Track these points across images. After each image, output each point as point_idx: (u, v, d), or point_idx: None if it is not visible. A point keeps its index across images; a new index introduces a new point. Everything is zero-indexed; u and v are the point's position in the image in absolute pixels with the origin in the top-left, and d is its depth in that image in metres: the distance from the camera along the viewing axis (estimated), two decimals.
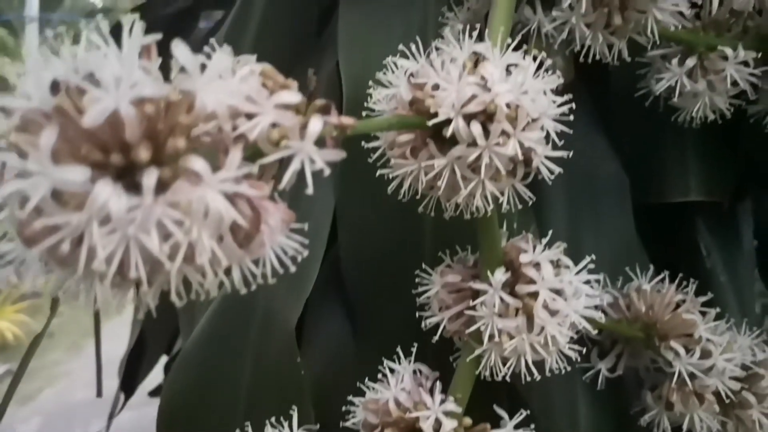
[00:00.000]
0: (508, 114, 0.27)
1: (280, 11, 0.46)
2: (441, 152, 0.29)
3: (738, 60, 0.34)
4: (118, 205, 0.16)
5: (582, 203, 0.43)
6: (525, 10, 0.33)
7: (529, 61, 0.29)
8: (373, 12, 0.39)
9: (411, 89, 0.29)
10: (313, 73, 0.45)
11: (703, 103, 0.35)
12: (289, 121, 0.21)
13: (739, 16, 0.36)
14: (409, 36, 0.39)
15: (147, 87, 0.17)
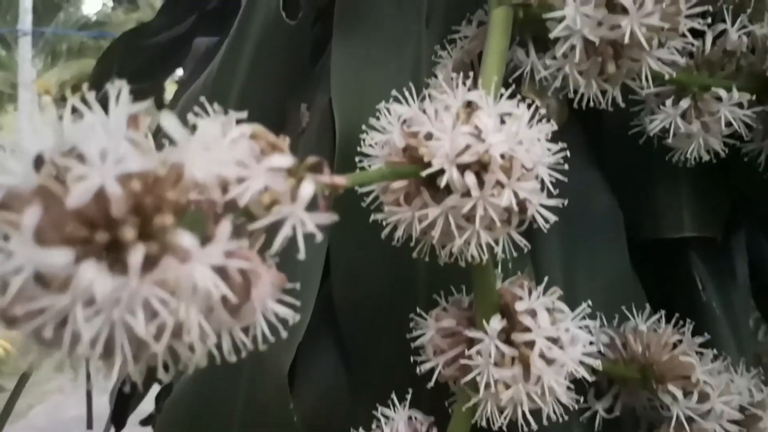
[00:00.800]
0: (502, 164, 0.27)
1: (273, 42, 0.46)
2: (435, 201, 0.28)
3: (732, 102, 0.34)
4: (103, 287, 0.16)
5: (576, 239, 0.43)
6: (518, 53, 0.33)
7: (523, 110, 0.28)
8: (366, 49, 0.39)
9: (404, 136, 0.29)
10: (306, 108, 0.45)
11: (698, 144, 0.35)
12: (281, 185, 0.20)
13: (732, 56, 0.36)
14: (403, 73, 0.39)
15: (134, 162, 0.17)
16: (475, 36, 0.36)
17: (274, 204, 0.20)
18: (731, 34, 0.35)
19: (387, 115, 0.30)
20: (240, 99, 0.45)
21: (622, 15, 0.27)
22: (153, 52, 0.77)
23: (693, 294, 0.46)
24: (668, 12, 0.27)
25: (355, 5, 0.39)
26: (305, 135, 0.43)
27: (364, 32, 0.39)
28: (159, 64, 0.70)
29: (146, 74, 0.70)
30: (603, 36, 0.27)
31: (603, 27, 0.27)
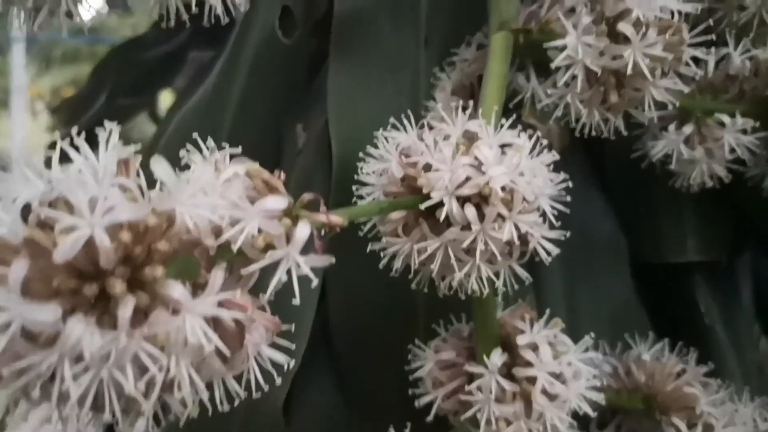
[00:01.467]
0: (503, 197, 0.26)
1: (269, 61, 0.45)
2: (434, 232, 0.28)
3: (736, 128, 0.33)
4: (91, 343, 0.15)
5: (579, 264, 0.42)
6: (518, 78, 0.33)
7: (524, 140, 0.28)
8: (363, 71, 0.39)
9: (402, 166, 0.28)
10: (302, 128, 0.45)
11: (701, 170, 0.34)
12: (275, 228, 0.20)
13: (735, 80, 0.36)
14: (400, 96, 0.39)
15: (123, 211, 0.16)
16: (474, 59, 0.36)
17: (269, 247, 0.20)
18: (734, 59, 0.35)
19: (384, 143, 0.29)
20: (236, 118, 0.44)
21: (624, 45, 0.26)
22: (147, 66, 0.77)
23: (697, 317, 0.45)
24: (671, 42, 0.27)
25: (353, 26, 0.39)
26: (302, 156, 0.42)
27: (361, 53, 0.39)
28: (153, 78, 0.70)
29: (140, 88, 0.70)
30: (605, 65, 0.27)
31: (605, 56, 0.27)
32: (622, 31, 0.26)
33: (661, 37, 0.26)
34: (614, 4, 0.26)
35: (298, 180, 0.41)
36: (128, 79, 0.74)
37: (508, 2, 0.32)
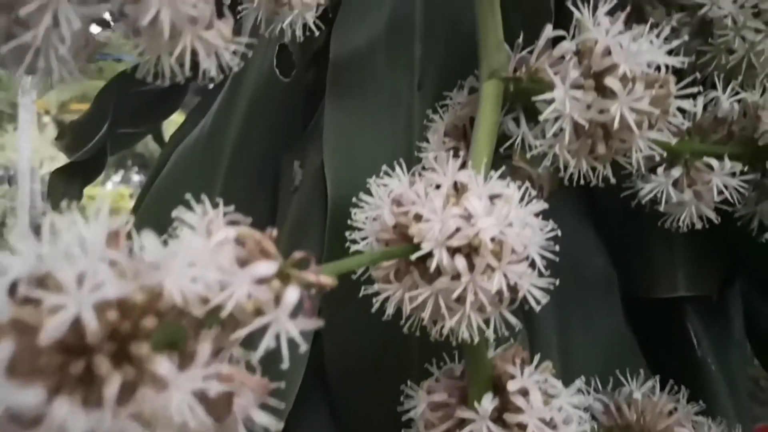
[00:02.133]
0: (492, 248, 0.27)
1: (267, 98, 0.46)
2: (425, 280, 0.28)
3: (725, 171, 0.34)
4: (76, 425, 0.15)
5: (570, 298, 0.42)
6: (509, 123, 0.33)
7: (513, 190, 0.28)
8: (358, 112, 0.39)
9: (394, 214, 0.29)
10: (299, 165, 0.45)
11: (690, 212, 0.35)
12: (264, 294, 0.20)
13: (724, 122, 0.36)
14: (394, 137, 0.39)
15: (111, 288, 0.17)
16: (467, 102, 0.36)
17: (258, 312, 0.20)
18: (723, 103, 0.35)
19: (377, 190, 0.30)
20: (233, 155, 0.45)
21: (611, 99, 0.27)
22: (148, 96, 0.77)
23: (688, 350, 0.45)
24: (658, 95, 0.27)
25: (348, 67, 0.39)
26: (298, 193, 0.42)
27: (356, 95, 0.39)
28: (154, 108, 0.70)
29: (142, 117, 0.70)
30: (592, 119, 0.27)
31: (592, 110, 0.27)
32: (609, 85, 0.27)
33: (648, 91, 0.26)
34: (601, 59, 0.27)
35: (295, 218, 0.41)
36: (129, 109, 0.74)
37: (498, 51, 0.32)
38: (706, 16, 0.36)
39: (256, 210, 0.45)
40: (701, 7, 0.36)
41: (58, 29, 0.19)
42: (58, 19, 0.19)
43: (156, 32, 0.21)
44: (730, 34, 0.35)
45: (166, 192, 0.44)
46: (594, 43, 0.27)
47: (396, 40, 0.40)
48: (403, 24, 0.40)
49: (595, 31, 0.27)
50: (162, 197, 0.44)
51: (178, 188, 0.45)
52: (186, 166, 0.45)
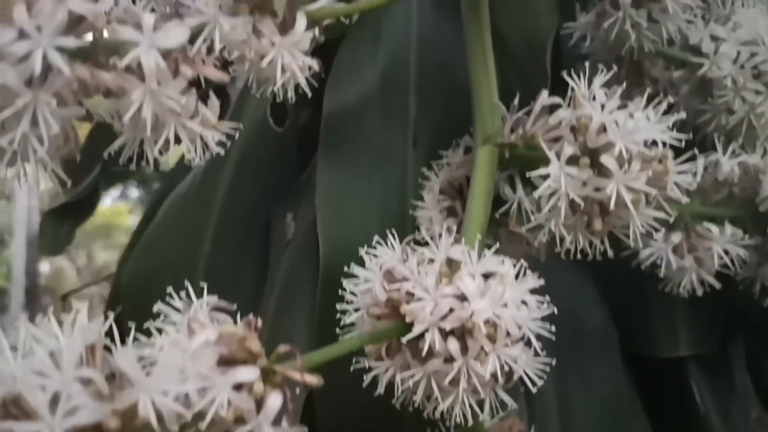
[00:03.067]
0: (486, 332, 0.26)
1: (259, 148, 0.45)
2: (416, 359, 0.27)
3: (725, 239, 0.33)
4: None
5: (569, 354, 0.41)
6: (504, 188, 0.33)
7: (507, 267, 0.27)
8: (351, 168, 0.38)
9: (386, 289, 0.28)
10: (292, 218, 0.44)
11: (690, 278, 0.34)
12: (245, 402, 0.19)
13: (725, 184, 0.35)
14: (388, 195, 0.38)
15: (85, 413, 0.16)
16: (462, 163, 0.35)
17: (239, 419, 0.19)
18: (724, 165, 0.34)
19: (370, 261, 0.29)
20: (224, 206, 0.44)
21: (607, 178, 0.26)
22: None
23: (691, 405, 0.44)
24: (656, 171, 0.27)
25: (341, 123, 0.39)
26: (290, 247, 0.42)
27: (349, 150, 0.38)
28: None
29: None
30: (588, 195, 0.27)
31: (588, 187, 0.27)
32: (605, 164, 0.26)
33: (645, 171, 0.26)
34: (597, 137, 0.26)
35: (287, 274, 0.41)
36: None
37: (493, 116, 0.32)
38: (705, 75, 0.35)
39: (247, 262, 0.45)
40: (701, 66, 0.35)
41: (37, 130, 0.19)
42: (37, 122, 0.19)
43: (139, 125, 0.21)
44: (730, 95, 0.35)
45: (156, 245, 0.44)
46: (589, 119, 0.26)
47: (390, 96, 0.39)
48: (397, 79, 0.39)
49: (591, 107, 0.27)
50: (152, 251, 0.44)
51: (169, 240, 0.44)
52: (177, 216, 0.45)
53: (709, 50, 0.35)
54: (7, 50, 0.18)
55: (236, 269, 0.43)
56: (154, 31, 0.20)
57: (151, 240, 0.44)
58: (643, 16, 0.33)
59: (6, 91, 0.18)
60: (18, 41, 0.18)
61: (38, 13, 0.18)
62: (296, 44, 0.22)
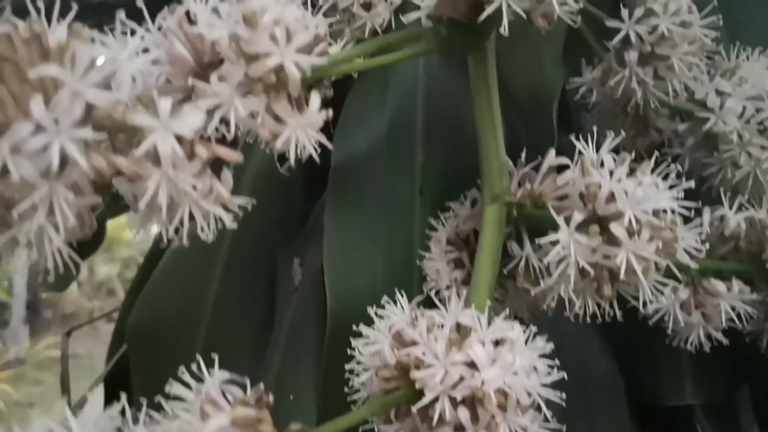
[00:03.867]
0: (497, 401, 0.26)
1: (267, 191, 0.45)
2: (426, 426, 0.27)
3: (733, 296, 0.33)
4: None
5: (575, 403, 0.41)
6: (512, 245, 0.33)
7: (518, 332, 0.27)
8: (358, 218, 0.38)
9: (396, 353, 0.28)
10: (299, 263, 0.44)
11: (697, 333, 0.34)
12: None
13: (731, 238, 0.35)
14: (394, 245, 0.39)
15: None
16: (470, 216, 0.36)
17: None
18: (730, 221, 0.35)
19: (378, 323, 0.29)
20: (231, 250, 0.44)
21: (616, 247, 0.26)
22: None
23: None
24: (665, 239, 0.27)
25: (349, 171, 0.39)
26: (297, 295, 0.42)
27: (357, 200, 0.39)
28: None
29: None
30: (597, 263, 0.27)
31: (597, 254, 0.27)
32: (615, 232, 0.26)
33: (654, 239, 0.26)
34: (606, 205, 0.26)
35: (294, 322, 0.41)
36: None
37: (501, 175, 0.32)
38: (711, 129, 0.36)
39: (253, 307, 0.45)
40: (706, 121, 0.36)
41: (52, 218, 0.19)
42: (53, 212, 0.19)
43: (154, 207, 0.21)
44: (736, 150, 0.35)
45: (162, 289, 0.44)
46: (598, 188, 0.27)
47: (397, 146, 0.39)
48: (404, 129, 0.39)
49: (599, 175, 0.27)
50: (158, 295, 0.44)
51: (175, 284, 0.44)
52: (182, 259, 0.45)
53: (714, 105, 0.36)
54: (24, 144, 0.18)
55: (243, 314, 0.43)
56: (170, 117, 0.20)
57: (157, 284, 0.44)
58: (649, 74, 0.34)
59: (23, 184, 0.18)
60: (35, 135, 0.18)
61: (55, 105, 0.18)
62: (310, 124, 0.23)
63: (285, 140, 0.22)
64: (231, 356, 0.43)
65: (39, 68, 0.18)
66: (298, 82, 0.22)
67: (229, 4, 0.22)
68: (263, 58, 0.21)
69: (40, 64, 0.19)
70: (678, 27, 0.33)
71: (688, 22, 0.33)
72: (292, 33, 0.22)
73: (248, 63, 0.21)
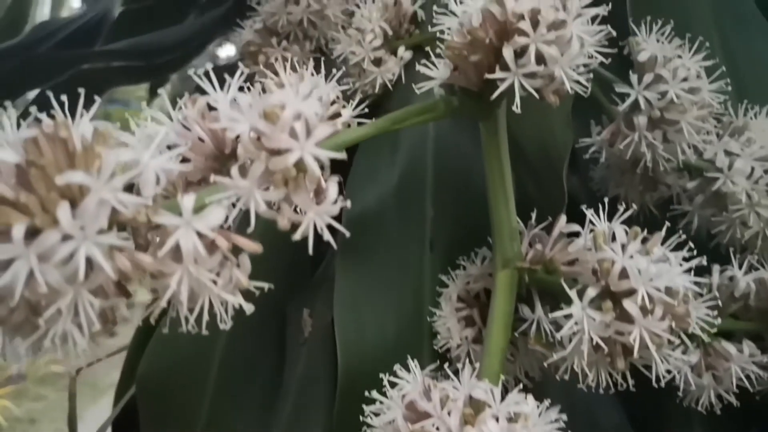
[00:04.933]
0: None
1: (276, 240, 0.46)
2: None
3: (744, 359, 0.33)
4: None
5: None
6: (524, 309, 0.33)
7: (531, 406, 0.28)
8: (369, 273, 0.39)
9: (409, 424, 0.28)
10: (309, 314, 0.45)
11: (708, 394, 0.34)
12: None
13: (740, 298, 0.36)
14: (405, 300, 0.39)
15: None
16: (480, 275, 0.36)
17: None
18: (740, 282, 0.35)
19: (391, 392, 0.29)
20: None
21: (629, 323, 0.26)
22: None
23: None
24: (678, 315, 0.27)
25: (360, 226, 0.39)
26: (307, 347, 0.42)
27: (367, 255, 0.39)
28: None
29: None
30: (610, 337, 0.27)
31: (610, 329, 0.27)
32: (628, 309, 0.26)
33: (667, 317, 0.26)
34: (619, 281, 0.27)
35: (304, 375, 0.41)
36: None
37: (512, 240, 0.32)
38: (720, 189, 0.36)
39: (263, 358, 0.45)
40: (715, 180, 0.36)
41: (77, 319, 0.19)
42: (78, 317, 0.19)
43: (176, 299, 0.21)
44: (745, 210, 0.35)
45: (172, 338, 0.44)
46: (611, 264, 0.27)
47: (407, 201, 0.40)
48: (414, 184, 0.40)
49: (612, 251, 0.27)
50: (168, 345, 0.44)
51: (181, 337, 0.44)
52: None
53: (723, 165, 0.36)
54: (52, 252, 0.18)
55: (252, 365, 0.44)
56: (192, 215, 0.20)
57: (166, 334, 0.44)
58: (658, 138, 0.34)
59: (49, 290, 0.18)
60: (62, 243, 0.18)
61: (82, 213, 0.19)
62: (328, 212, 0.23)
63: (304, 230, 0.23)
64: (240, 411, 0.43)
65: (66, 175, 0.19)
66: (317, 175, 0.22)
67: (251, 96, 0.22)
68: (284, 154, 0.21)
69: (66, 171, 0.19)
70: (687, 93, 0.33)
71: (696, 88, 0.33)
72: (312, 127, 0.22)
73: (269, 157, 0.22)
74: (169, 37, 0.70)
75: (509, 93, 0.28)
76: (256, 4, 0.49)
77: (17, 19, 0.82)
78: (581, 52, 0.27)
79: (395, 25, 0.42)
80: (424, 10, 0.44)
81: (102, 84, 0.69)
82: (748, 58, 0.40)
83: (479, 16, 0.27)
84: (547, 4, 0.27)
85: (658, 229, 0.40)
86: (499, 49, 0.28)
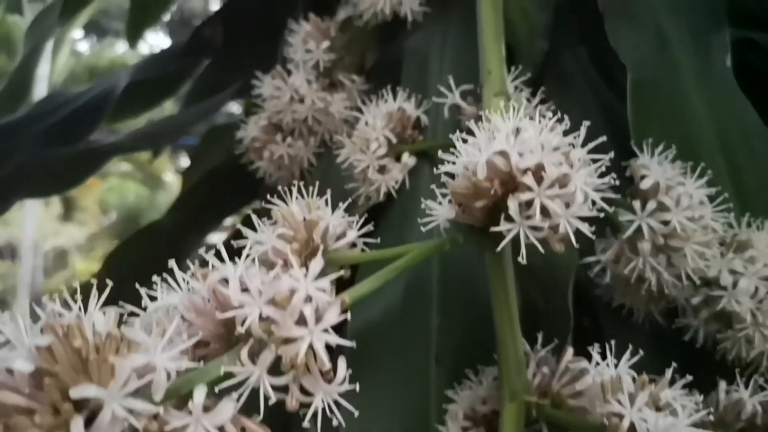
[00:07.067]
0: None
1: None
2: None
3: None
4: None
5: None
6: None
7: None
8: (373, 387, 0.39)
9: None
10: None
11: None
12: None
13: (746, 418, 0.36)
14: (411, 416, 0.38)
15: None
16: (488, 397, 0.36)
17: None
18: (747, 405, 0.35)
19: None
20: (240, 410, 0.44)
21: None
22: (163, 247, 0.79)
23: None
24: None
25: (364, 339, 0.39)
26: None
27: (372, 368, 0.39)
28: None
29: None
30: None
31: None
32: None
33: None
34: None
35: None
36: (148, 263, 0.75)
37: (519, 372, 0.32)
38: (724, 307, 0.36)
39: None
40: (720, 299, 0.36)
41: None
42: None
43: None
44: (750, 329, 0.35)
45: None
46: (620, 418, 0.27)
47: (413, 312, 0.40)
48: (420, 295, 0.40)
49: (619, 405, 0.27)
50: None
51: None
52: None
53: (727, 283, 0.36)
54: None
55: None
56: (203, 412, 0.21)
57: None
58: (662, 263, 0.34)
59: None
60: None
61: (97, 428, 0.19)
62: (337, 391, 0.23)
63: (312, 412, 0.23)
64: None
65: (79, 389, 0.19)
66: (326, 361, 0.22)
67: (260, 281, 0.23)
68: (293, 342, 0.22)
69: (80, 380, 0.19)
70: (690, 222, 0.33)
71: (700, 216, 0.34)
72: (322, 311, 0.22)
73: (279, 344, 0.22)
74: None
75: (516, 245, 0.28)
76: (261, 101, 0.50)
77: (19, 90, 0.83)
78: (586, 204, 0.28)
79: (399, 131, 0.43)
80: (428, 116, 0.44)
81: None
82: (752, 166, 0.40)
83: (484, 169, 0.28)
84: (551, 159, 0.27)
85: (664, 339, 0.40)
86: (505, 196, 0.28)
